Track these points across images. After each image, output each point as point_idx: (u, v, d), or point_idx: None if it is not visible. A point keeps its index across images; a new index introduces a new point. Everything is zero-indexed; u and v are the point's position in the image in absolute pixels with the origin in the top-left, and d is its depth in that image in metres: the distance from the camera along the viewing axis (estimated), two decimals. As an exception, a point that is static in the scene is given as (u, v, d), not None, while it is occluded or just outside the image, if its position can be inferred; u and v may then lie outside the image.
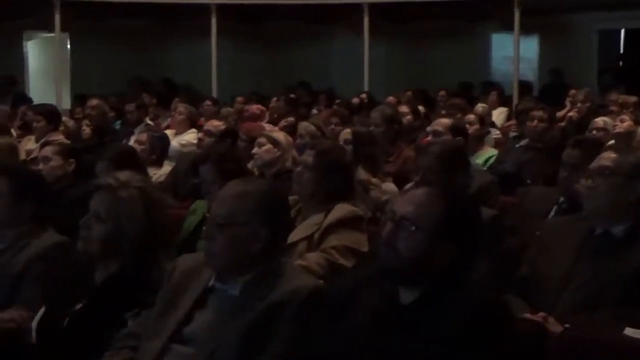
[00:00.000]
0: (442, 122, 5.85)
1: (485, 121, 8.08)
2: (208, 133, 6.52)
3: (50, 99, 12.64)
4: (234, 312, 2.85)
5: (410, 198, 2.71)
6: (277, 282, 2.87)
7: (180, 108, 8.67)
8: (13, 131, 9.52)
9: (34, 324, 3.28)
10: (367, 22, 13.82)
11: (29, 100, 13.69)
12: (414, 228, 2.62)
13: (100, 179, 3.34)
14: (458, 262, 2.66)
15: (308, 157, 4.35)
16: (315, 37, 16.46)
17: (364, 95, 12.28)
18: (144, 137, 6.39)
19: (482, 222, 2.85)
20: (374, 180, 5.28)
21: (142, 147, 6.26)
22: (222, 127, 6.58)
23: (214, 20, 13.83)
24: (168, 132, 8.65)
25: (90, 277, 3.29)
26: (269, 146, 5.74)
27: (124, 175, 3.30)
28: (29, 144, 8.42)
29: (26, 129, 9.36)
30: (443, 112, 10.15)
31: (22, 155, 7.64)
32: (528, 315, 3.22)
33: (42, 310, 3.33)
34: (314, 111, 12.28)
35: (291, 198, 4.38)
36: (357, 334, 2.68)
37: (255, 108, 10.58)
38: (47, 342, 3.20)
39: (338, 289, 2.87)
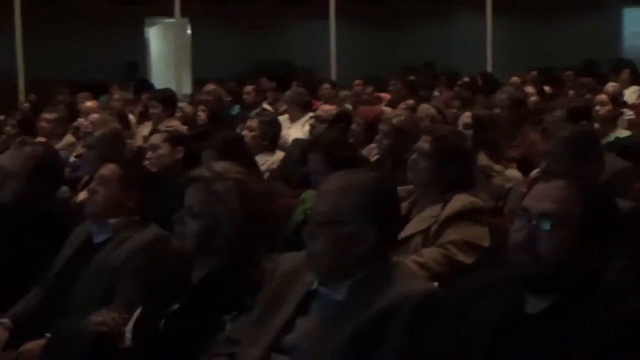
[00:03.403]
0: (557, 115, 5.44)
1: (617, 101, 7.60)
2: (319, 119, 6.26)
3: (172, 85, 12.70)
4: (339, 319, 2.59)
5: (546, 193, 2.36)
6: (386, 285, 2.59)
7: (287, 95, 8.46)
8: (132, 117, 9.54)
9: (130, 326, 3.08)
10: (489, -2, 13.42)
11: (151, 87, 13.80)
12: (555, 227, 2.30)
13: (194, 171, 3.11)
14: (598, 264, 2.33)
15: (424, 143, 4.03)
16: (436, 15, 16.10)
17: (478, 77, 11.88)
18: (254, 123, 6.19)
19: (621, 217, 2.50)
20: (496, 166, 4.94)
21: (253, 133, 6.06)
22: (334, 112, 6.30)
23: (332, 1, 13.62)
24: (284, 117, 8.49)
25: (188, 275, 3.08)
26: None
27: (220, 166, 3.06)
28: (146, 130, 8.38)
29: (147, 115, 9.35)
30: (571, 92, 9.71)
31: (139, 142, 7.58)
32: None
33: (138, 311, 3.14)
34: (436, 93, 11.96)
35: (406, 188, 4.11)
36: (476, 345, 2.38)
37: (383, 97, 10.36)
38: (142, 345, 3.01)
39: (457, 294, 2.56)
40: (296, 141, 6.69)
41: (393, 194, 2.78)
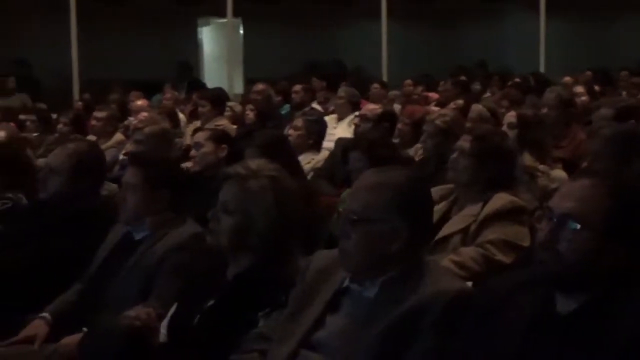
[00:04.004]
0: (602, 114, 5.35)
1: (669, 101, 7.46)
2: (364, 118, 6.25)
3: (224, 84, 12.77)
4: (369, 317, 2.58)
5: (570, 192, 2.32)
6: (417, 284, 2.57)
7: (340, 92, 8.44)
8: (182, 116, 9.61)
9: (166, 321, 3.10)
10: (542, -5, 13.27)
11: (203, 86, 13.88)
12: (578, 227, 2.25)
13: (229, 168, 3.12)
14: (630, 265, 2.27)
15: (465, 142, 4.00)
16: (489, 15, 15.94)
17: (530, 77, 11.75)
18: (299, 122, 6.19)
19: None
20: (541, 167, 4.88)
21: (298, 132, 6.07)
22: (378, 111, 6.28)
23: (383, 0, 13.60)
24: (332, 116, 8.49)
25: (223, 272, 3.09)
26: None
27: (255, 163, 3.07)
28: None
29: (197, 114, 9.40)
30: (624, 92, 9.56)
31: (188, 141, 7.64)
32: None
33: (174, 308, 3.16)
34: (488, 93, 11.86)
35: (446, 187, 4.09)
36: (506, 345, 2.35)
37: (432, 96, 10.30)
38: (176, 341, 3.02)
39: (488, 293, 2.53)
40: (340, 140, 6.68)
41: (425, 192, 2.76)
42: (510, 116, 5.38)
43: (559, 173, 4.98)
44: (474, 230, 3.79)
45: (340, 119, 8.25)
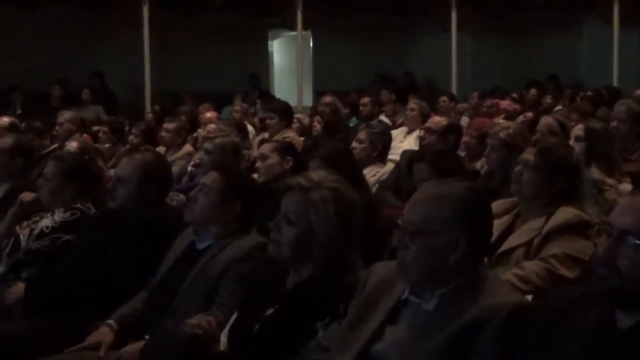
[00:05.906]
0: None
1: None
2: (429, 130, 6.23)
3: (294, 97, 12.85)
4: (427, 329, 2.57)
5: (630, 207, 2.28)
6: (476, 297, 2.56)
7: (412, 104, 8.43)
8: (251, 128, 9.70)
9: (226, 330, 3.14)
10: (617, 10, 13.05)
11: (272, 98, 13.98)
12: (638, 243, 2.22)
13: (291, 179, 3.14)
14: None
15: (529, 155, 3.97)
16: (562, 28, 15.74)
17: (603, 90, 11.58)
18: (363, 134, 6.20)
19: None
20: (609, 180, 4.81)
21: (362, 145, 6.07)
22: (444, 123, 6.26)
23: (454, 14, 13.56)
24: (401, 129, 8.49)
25: (284, 281, 3.12)
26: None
27: (316, 175, 3.09)
28: (263, 141, 8.47)
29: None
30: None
31: (255, 152, 7.71)
32: None
33: (234, 316, 3.19)
34: (559, 107, 11.74)
35: (510, 200, 4.06)
36: (567, 359, 2.32)
37: (506, 104, 10.21)
38: (235, 349, 3.05)
39: (547, 307, 2.51)
40: (406, 152, 6.67)
41: (484, 204, 2.74)
42: (578, 129, 5.31)
43: (627, 187, 4.89)
44: (538, 244, 3.74)
45: (410, 131, 8.22)
